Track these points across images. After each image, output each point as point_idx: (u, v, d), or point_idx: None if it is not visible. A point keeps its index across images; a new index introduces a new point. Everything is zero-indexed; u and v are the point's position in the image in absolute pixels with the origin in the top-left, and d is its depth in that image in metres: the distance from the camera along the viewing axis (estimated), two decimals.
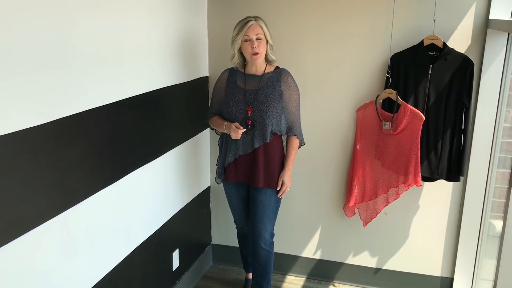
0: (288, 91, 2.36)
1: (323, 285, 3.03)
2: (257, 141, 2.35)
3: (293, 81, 2.39)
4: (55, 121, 1.67)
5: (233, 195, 2.56)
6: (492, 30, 2.43)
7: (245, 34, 2.26)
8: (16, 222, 1.55)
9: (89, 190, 1.90)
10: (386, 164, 2.63)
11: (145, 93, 2.26)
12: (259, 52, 2.28)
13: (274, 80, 2.36)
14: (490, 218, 2.69)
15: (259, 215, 2.47)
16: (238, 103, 2.36)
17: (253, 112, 2.33)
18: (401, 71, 2.55)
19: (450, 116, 2.51)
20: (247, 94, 2.36)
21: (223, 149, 2.48)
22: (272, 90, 2.34)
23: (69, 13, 1.70)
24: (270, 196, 2.45)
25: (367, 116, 2.65)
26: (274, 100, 2.33)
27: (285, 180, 2.42)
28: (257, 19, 2.29)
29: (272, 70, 2.39)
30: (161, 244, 2.55)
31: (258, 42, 2.27)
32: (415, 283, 2.90)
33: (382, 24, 2.60)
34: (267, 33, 2.31)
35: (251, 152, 2.38)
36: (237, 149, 2.39)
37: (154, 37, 2.30)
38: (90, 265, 1.95)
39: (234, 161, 2.42)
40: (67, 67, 1.71)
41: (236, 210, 2.63)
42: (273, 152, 2.40)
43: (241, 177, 2.45)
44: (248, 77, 2.39)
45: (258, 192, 2.44)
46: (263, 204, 2.45)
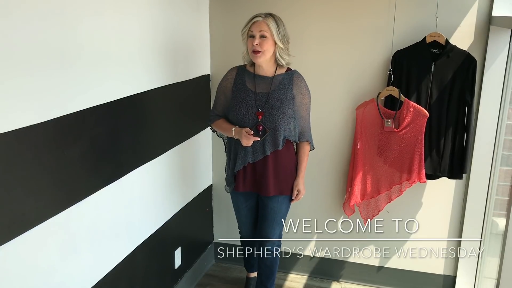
0: (300, 95, 2.25)
1: (325, 283, 3.03)
2: (268, 148, 2.23)
3: (305, 85, 2.27)
4: (57, 119, 1.67)
5: (241, 205, 2.45)
6: (495, 27, 2.42)
7: (250, 29, 2.14)
8: (17, 220, 1.55)
9: (90, 188, 1.90)
10: (389, 162, 2.62)
11: (147, 91, 2.25)
12: (260, 50, 2.13)
13: (286, 83, 2.23)
14: (493, 216, 2.68)
15: (269, 221, 2.39)
16: (248, 107, 2.21)
17: (264, 117, 2.19)
18: (403, 69, 2.54)
19: (452, 114, 2.50)
20: (258, 97, 2.21)
21: (232, 157, 2.32)
22: (284, 93, 2.21)
23: (72, 12, 1.70)
24: (282, 203, 2.36)
25: (367, 114, 2.64)
26: (287, 105, 2.21)
27: (301, 188, 2.34)
28: (267, 17, 2.14)
29: (284, 72, 2.25)
30: (163, 242, 2.55)
31: (261, 40, 2.12)
32: (418, 281, 2.89)
33: (384, 21, 2.59)
34: (275, 33, 2.13)
35: (261, 159, 2.26)
36: (246, 157, 2.25)
37: (156, 35, 2.29)
38: (92, 263, 1.95)
39: (243, 169, 2.29)
40: (69, 65, 1.71)
41: (243, 220, 2.52)
42: (284, 159, 2.28)
43: (250, 187, 2.32)
44: (258, 78, 2.24)
45: (269, 199, 2.34)
46: (274, 211, 2.36)
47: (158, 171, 2.43)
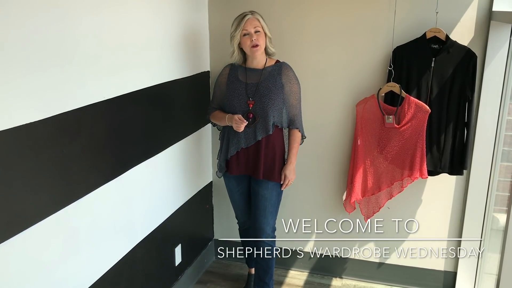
0: (289, 84, 2.38)
1: (325, 279, 3.03)
2: (259, 133, 2.36)
3: (294, 74, 2.41)
4: (57, 115, 1.67)
5: (234, 189, 2.57)
6: (496, 22, 2.41)
7: (243, 28, 2.29)
8: (19, 217, 1.55)
9: (91, 185, 1.90)
10: (390, 158, 2.61)
11: (147, 87, 2.25)
12: (259, 44, 2.30)
13: (275, 73, 2.37)
14: (493, 212, 2.68)
15: (260, 209, 2.47)
16: (240, 96, 2.37)
17: (254, 105, 2.35)
18: (404, 64, 2.53)
19: (453, 109, 2.49)
20: (249, 87, 2.37)
21: (224, 143, 2.48)
22: (273, 83, 2.36)
23: (71, 8, 1.69)
24: (272, 190, 2.45)
25: (367, 110, 2.63)
26: (276, 93, 2.35)
27: (287, 174, 2.43)
28: (254, 13, 2.33)
29: (273, 63, 2.41)
30: (163, 239, 2.55)
31: (257, 35, 2.30)
32: (418, 278, 2.89)
33: (384, 17, 2.58)
34: (265, 26, 2.34)
35: (253, 144, 2.39)
36: (239, 142, 2.40)
37: (155, 32, 2.29)
38: (92, 260, 1.96)
39: (236, 154, 2.42)
40: (68, 61, 1.71)
41: (237, 204, 2.64)
42: (274, 145, 2.41)
43: (243, 170, 2.46)
44: (249, 71, 2.41)
45: (259, 186, 2.45)
46: (264, 198, 2.45)
47: (158, 168, 2.43)
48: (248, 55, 2.39)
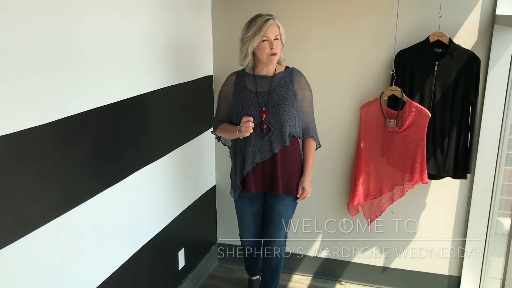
0: (301, 91, 2.26)
1: (329, 284, 3.02)
2: (276, 145, 2.22)
3: (306, 80, 2.29)
4: (60, 120, 1.67)
5: (246, 209, 2.42)
6: (499, 25, 2.40)
7: (265, 34, 2.12)
8: (22, 221, 1.55)
9: (94, 189, 1.90)
10: (392, 162, 2.61)
11: (150, 92, 2.26)
12: (278, 52, 2.16)
13: (286, 80, 2.25)
14: (498, 216, 2.67)
15: (275, 222, 2.38)
16: (251, 106, 2.21)
17: (268, 115, 2.20)
18: (407, 68, 2.53)
19: (456, 113, 2.49)
20: (260, 96, 2.22)
21: (239, 160, 2.29)
22: (286, 90, 2.22)
23: (74, 13, 1.70)
24: (288, 206, 2.36)
25: (371, 114, 2.63)
26: (289, 101, 2.21)
27: (306, 187, 2.33)
28: (274, 18, 2.16)
29: (283, 70, 2.28)
30: (166, 243, 2.55)
31: (276, 43, 2.15)
32: (422, 282, 2.87)
33: (387, 20, 2.58)
34: (283, 34, 2.20)
35: (269, 158, 2.24)
36: (254, 157, 2.24)
37: (158, 36, 2.30)
38: (96, 264, 1.96)
39: (252, 170, 2.26)
40: (70, 66, 1.71)
41: (245, 226, 2.49)
42: (292, 157, 2.28)
43: (260, 186, 2.31)
44: (259, 78, 2.26)
45: (275, 201, 2.34)
46: (280, 213, 2.36)
47: (161, 172, 2.44)
48: (259, 61, 2.23)
